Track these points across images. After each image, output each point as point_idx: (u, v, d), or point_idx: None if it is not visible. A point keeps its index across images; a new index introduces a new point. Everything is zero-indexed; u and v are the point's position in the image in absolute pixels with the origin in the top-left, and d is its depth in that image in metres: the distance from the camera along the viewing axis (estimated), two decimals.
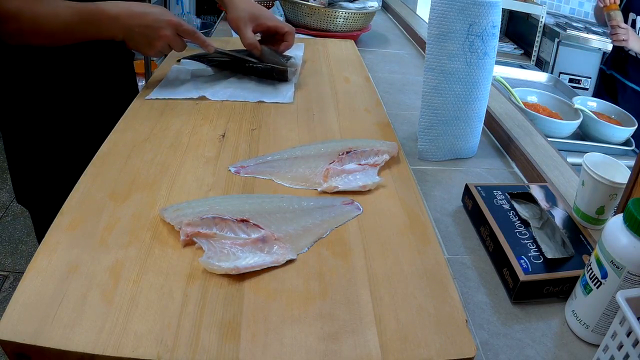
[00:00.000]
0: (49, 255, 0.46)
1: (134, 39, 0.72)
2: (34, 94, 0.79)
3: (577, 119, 1.13)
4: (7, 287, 1.64)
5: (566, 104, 1.21)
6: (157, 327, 0.40)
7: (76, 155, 0.69)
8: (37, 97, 0.80)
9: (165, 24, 0.73)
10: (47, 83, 0.80)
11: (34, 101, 0.80)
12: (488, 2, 0.71)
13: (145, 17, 0.72)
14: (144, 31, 0.72)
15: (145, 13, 0.72)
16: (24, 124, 0.81)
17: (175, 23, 0.74)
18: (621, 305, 0.40)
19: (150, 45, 0.74)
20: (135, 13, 0.71)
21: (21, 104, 0.80)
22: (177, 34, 0.75)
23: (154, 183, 0.58)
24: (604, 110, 1.28)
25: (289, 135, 0.72)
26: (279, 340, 0.41)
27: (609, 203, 0.60)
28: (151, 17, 0.72)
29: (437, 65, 0.73)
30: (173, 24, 0.74)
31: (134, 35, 0.72)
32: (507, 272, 0.54)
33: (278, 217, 0.53)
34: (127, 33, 0.72)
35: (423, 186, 0.73)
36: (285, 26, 0.91)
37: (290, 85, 0.87)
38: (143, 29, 0.72)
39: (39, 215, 0.89)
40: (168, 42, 0.75)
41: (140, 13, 0.72)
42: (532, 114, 1.09)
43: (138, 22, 0.71)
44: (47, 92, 0.80)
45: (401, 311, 0.44)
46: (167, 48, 0.76)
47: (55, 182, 0.63)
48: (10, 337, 0.38)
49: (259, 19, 0.88)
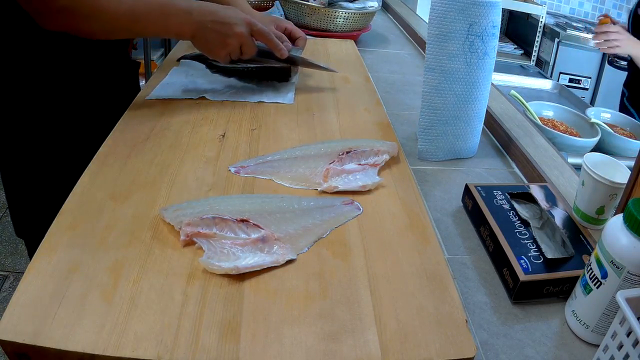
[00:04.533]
0: (49, 255, 0.46)
1: (206, 37, 0.68)
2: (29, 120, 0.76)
3: (594, 134, 1.11)
4: (7, 287, 1.64)
5: (582, 118, 1.20)
6: (157, 327, 0.40)
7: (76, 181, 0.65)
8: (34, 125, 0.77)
9: (240, 21, 0.70)
10: (44, 107, 0.76)
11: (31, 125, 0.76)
12: (488, 2, 0.71)
13: (219, 13, 0.68)
14: (218, 28, 0.68)
15: (217, 10, 0.69)
16: (20, 151, 0.78)
17: (250, 22, 0.71)
18: (621, 305, 0.40)
19: (223, 45, 0.70)
20: (209, 9, 0.68)
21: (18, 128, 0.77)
22: (250, 34, 0.72)
23: (154, 183, 0.58)
24: (618, 122, 1.27)
25: (289, 135, 0.72)
26: (279, 340, 0.41)
27: (609, 203, 0.60)
28: (226, 13, 0.69)
29: (437, 65, 0.73)
30: (248, 22, 0.71)
31: (207, 32, 0.68)
32: (507, 272, 0.54)
33: (278, 217, 0.53)
34: (198, 29, 0.67)
35: (423, 186, 0.73)
36: (300, 32, 0.92)
37: (291, 86, 0.87)
38: (217, 25, 0.68)
39: (35, 246, 0.88)
40: (241, 41, 0.71)
41: (214, 9, 0.68)
42: (549, 132, 1.08)
43: (212, 18, 0.68)
44: (45, 112, 0.77)
45: (401, 311, 0.44)
46: (238, 50, 0.72)
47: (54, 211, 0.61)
48: (10, 337, 0.38)
49: (278, 21, 0.90)
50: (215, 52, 0.72)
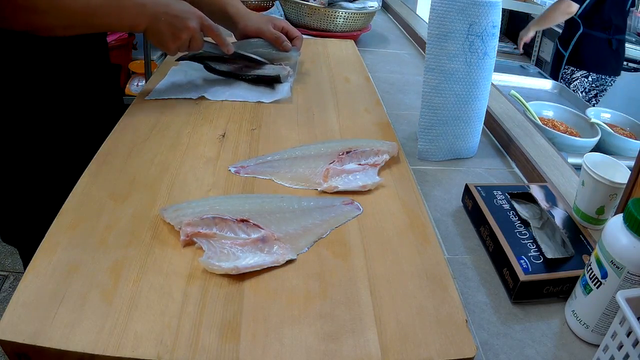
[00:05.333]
0: (49, 255, 0.46)
1: (159, 29, 0.70)
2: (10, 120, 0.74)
3: (594, 134, 1.12)
4: (7, 287, 1.64)
5: (582, 118, 1.20)
6: (157, 327, 0.40)
7: (61, 188, 0.64)
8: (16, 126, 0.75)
9: (192, 15, 0.71)
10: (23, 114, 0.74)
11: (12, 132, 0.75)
12: (488, 2, 0.71)
13: (173, 6, 0.70)
14: (172, 20, 0.69)
15: (170, 3, 0.70)
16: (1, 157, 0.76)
17: (201, 15, 0.73)
18: (621, 305, 0.40)
19: (175, 37, 0.71)
20: (163, 2, 0.69)
21: None
22: (200, 28, 0.74)
23: (154, 183, 0.58)
24: (618, 122, 1.27)
25: (289, 135, 0.72)
26: (279, 340, 0.41)
27: (609, 203, 0.60)
28: (179, 7, 0.71)
29: (437, 65, 0.73)
30: (199, 17, 0.73)
31: (160, 24, 0.69)
32: (507, 272, 0.54)
33: (278, 217, 0.53)
34: (152, 22, 0.69)
35: (423, 186, 0.73)
36: (296, 32, 0.94)
37: (287, 81, 0.88)
38: (171, 17, 0.69)
39: (27, 252, 0.87)
40: (192, 35, 0.72)
41: (167, 3, 0.70)
42: (549, 132, 1.09)
43: (165, 11, 0.69)
44: (26, 119, 0.75)
45: (401, 311, 0.44)
46: (187, 44, 0.74)
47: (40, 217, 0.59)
48: (10, 337, 0.38)
49: (275, 20, 0.92)
50: (165, 45, 0.73)
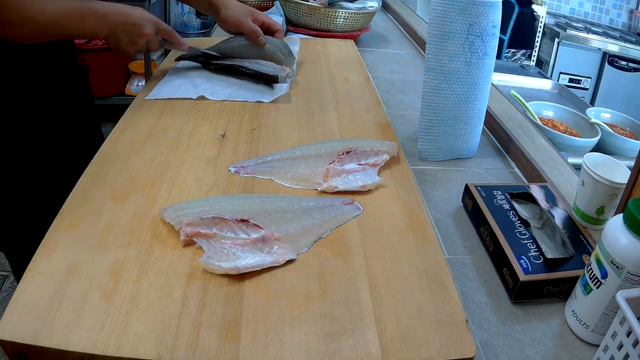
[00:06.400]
0: (49, 255, 0.46)
1: (118, 37, 0.75)
2: None
3: (594, 134, 1.11)
4: (7, 287, 1.64)
5: (582, 118, 1.20)
6: (157, 327, 0.40)
7: (32, 190, 0.65)
8: None
9: (148, 22, 0.76)
10: None
11: None
12: (488, 2, 0.71)
13: (130, 16, 0.75)
14: (129, 29, 0.75)
15: (128, 13, 0.75)
16: None
17: (156, 22, 0.78)
18: (621, 305, 0.40)
19: (132, 43, 0.76)
20: (121, 12, 0.74)
21: None
22: (156, 33, 0.79)
23: (154, 183, 0.58)
24: (618, 122, 1.27)
25: (289, 135, 0.72)
26: (279, 340, 0.41)
27: (609, 203, 0.60)
28: (135, 16, 0.76)
29: (437, 65, 0.73)
30: (154, 23, 0.78)
31: (118, 33, 0.74)
32: (507, 272, 0.54)
33: (278, 217, 0.53)
34: (111, 30, 0.73)
35: (423, 186, 0.73)
36: (278, 25, 0.96)
37: (286, 82, 0.88)
38: (129, 27, 0.74)
39: (15, 258, 0.87)
40: (148, 39, 0.77)
41: (125, 12, 0.74)
42: (549, 132, 1.09)
43: (124, 20, 0.74)
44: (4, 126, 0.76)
45: (401, 311, 0.44)
46: (145, 47, 0.79)
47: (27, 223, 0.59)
48: (10, 337, 0.38)
49: (255, 14, 0.94)
50: (124, 50, 0.77)
